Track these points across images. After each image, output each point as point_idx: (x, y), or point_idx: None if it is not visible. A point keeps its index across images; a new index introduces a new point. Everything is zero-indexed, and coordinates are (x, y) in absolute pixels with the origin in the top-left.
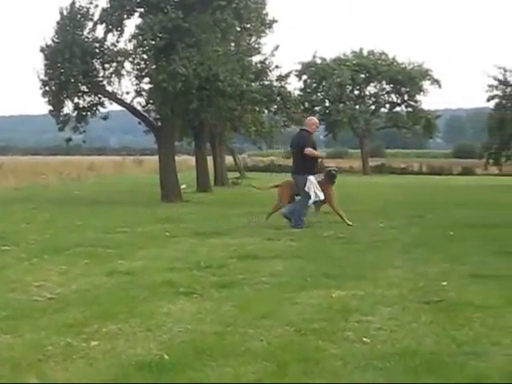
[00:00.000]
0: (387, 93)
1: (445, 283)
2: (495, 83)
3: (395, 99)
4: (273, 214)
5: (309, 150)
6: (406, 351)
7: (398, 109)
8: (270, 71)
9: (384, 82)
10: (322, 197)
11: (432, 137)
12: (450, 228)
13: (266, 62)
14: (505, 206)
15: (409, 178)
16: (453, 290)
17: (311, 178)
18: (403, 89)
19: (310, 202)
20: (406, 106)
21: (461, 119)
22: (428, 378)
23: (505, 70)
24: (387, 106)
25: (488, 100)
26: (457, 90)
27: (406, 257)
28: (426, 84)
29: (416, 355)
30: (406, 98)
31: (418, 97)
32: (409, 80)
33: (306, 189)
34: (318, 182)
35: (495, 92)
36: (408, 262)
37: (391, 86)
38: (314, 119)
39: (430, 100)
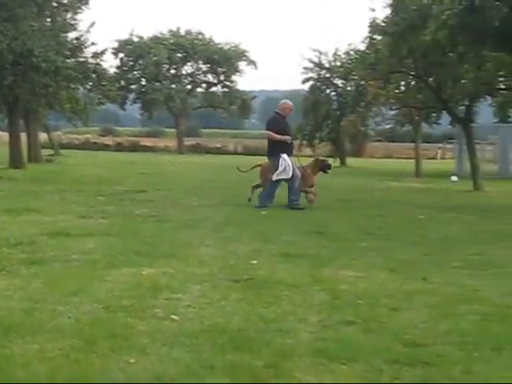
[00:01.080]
0: (204, 72)
1: (255, 262)
2: (310, 66)
3: (211, 79)
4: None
5: (268, 133)
6: (214, 328)
7: (214, 89)
8: (86, 48)
9: (201, 62)
10: (288, 176)
11: (247, 117)
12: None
13: (82, 39)
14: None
15: (224, 158)
16: (263, 268)
17: (284, 155)
18: (219, 69)
19: (286, 176)
20: (223, 87)
21: (277, 100)
22: (235, 354)
23: (320, 53)
24: (203, 85)
25: (303, 82)
26: (273, 72)
27: (218, 235)
28: (242, 65)
29: (224, 332)
30: (222, 78)
31: (234, 77)
32: (225, 60)
33: (279, 166)
34: (303, 167)
35: (310, 74)
36: (219, 240)
37: (208, 65)
38: (288, 103)
39: (246, 81)
